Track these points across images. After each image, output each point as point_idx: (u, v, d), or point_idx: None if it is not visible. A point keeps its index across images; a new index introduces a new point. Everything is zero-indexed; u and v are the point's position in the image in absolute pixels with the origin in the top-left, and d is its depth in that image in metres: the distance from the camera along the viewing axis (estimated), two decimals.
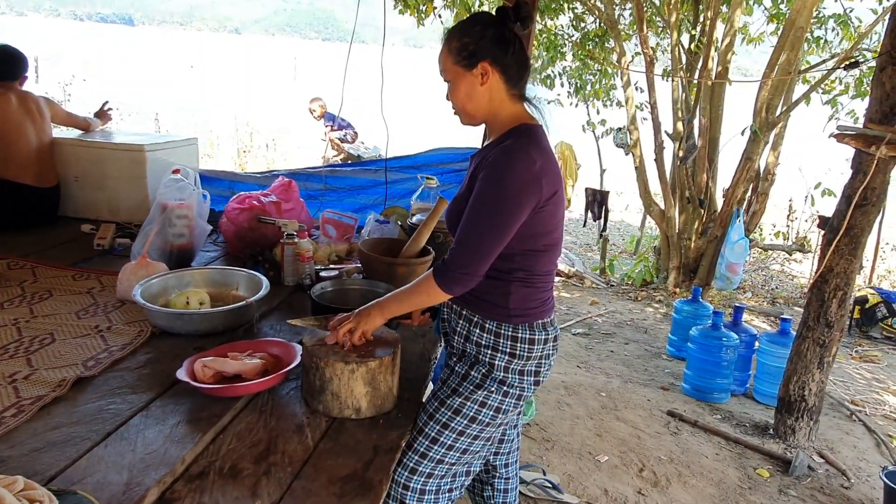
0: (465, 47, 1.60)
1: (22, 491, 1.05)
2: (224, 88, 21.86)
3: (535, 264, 1.65)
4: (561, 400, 3.90)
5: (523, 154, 1.55)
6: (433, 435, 1.68)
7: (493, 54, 1.60)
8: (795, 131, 7.03)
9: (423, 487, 1.70)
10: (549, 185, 1.56)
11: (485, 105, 1.65)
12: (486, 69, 1.60)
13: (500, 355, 1.66)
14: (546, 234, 1.63)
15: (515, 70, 1.64)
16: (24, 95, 3.23)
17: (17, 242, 2.89)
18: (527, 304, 1.67)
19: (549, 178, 1.56)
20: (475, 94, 1.63)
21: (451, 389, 1.70)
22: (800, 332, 3.54)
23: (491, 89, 1.63)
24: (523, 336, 1.66)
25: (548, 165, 1.57)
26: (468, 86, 1.63)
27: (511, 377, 1.67)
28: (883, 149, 3.08)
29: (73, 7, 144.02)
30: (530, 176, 1.53)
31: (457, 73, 1.63)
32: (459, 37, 1.61)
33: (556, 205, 1.61)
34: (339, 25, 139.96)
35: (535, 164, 1.54)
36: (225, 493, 1.30)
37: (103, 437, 1.45)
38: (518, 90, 1.66)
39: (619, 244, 9.41)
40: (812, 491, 3.18)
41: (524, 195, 1.53)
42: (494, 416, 1.69)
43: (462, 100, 1.65)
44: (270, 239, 2.75)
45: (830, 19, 6.30)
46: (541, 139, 1.62)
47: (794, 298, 6.96)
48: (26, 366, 1.75)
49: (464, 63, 1.61)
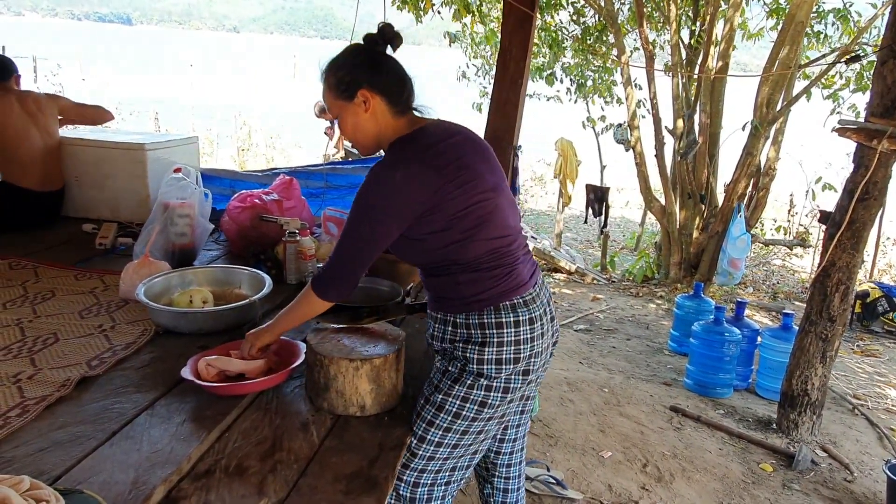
0: (342, 80, 1.60)
1: (28, 490, 1.05)
2: (223, 87, 21.84)
3: (466, 253, 1.59)
4: (563, 396, 3.90)
5: (382, 171, 1.55)
6: (420, 433, 1.66)
7: (367, 79, 1.60)
8: (796, 126, 7.02)
9: (416, 480, 1.69)
10: (422, 189, 1.53)
11: (372, 130, 1.64)
12: (365, 95, 1.60)
13: (472, 346, 1.62)
14: (457, 224, 1.57)
15: (395, 87, 1.63)
16: (24, 97, 3.18)
17: (19, 242, 2.88)
18: (480, 287, 1.61)
19: (420, 182, 1.53)
20: (361, 123, 1.63)
21: (433, 387, 1.68)
22: (802, 327, 3.54)
23: (375, 114, 1.62)
24: (489, 321, 1.61)
25: (414, 170, 1.54)
26: (353, 116, 1.63)
27: (487, 368, 1.61)
28: (885, 143, 3.08)
29: (70, 6, 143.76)
30: (386, 190, 1.53)
31: (340, 107, 1.63)
32: (335, 71, 1.62)
33: (459, 191, 1.55)
34: (337, 23, 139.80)
35: (394, 176, 1.53)
36: (231, 491, 1.30)
37: (109, 436, 1.45)
38: (401, 107, 1.65)
39: (620, 240, 9.41)
40: (815, 485, 3.19)
41: (379, 212, 1.55)
42: (479, 411, 1.65)
43: (351, 131, 1.66)
44: (272, 237, 2.74)
45: (830, 14, 6.29)
46: (410, 144, 1.60)
47: (796, 293, 6.96)
48: (30, 366, 1.75)
49: (344, 95, 1.61)
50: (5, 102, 3.09)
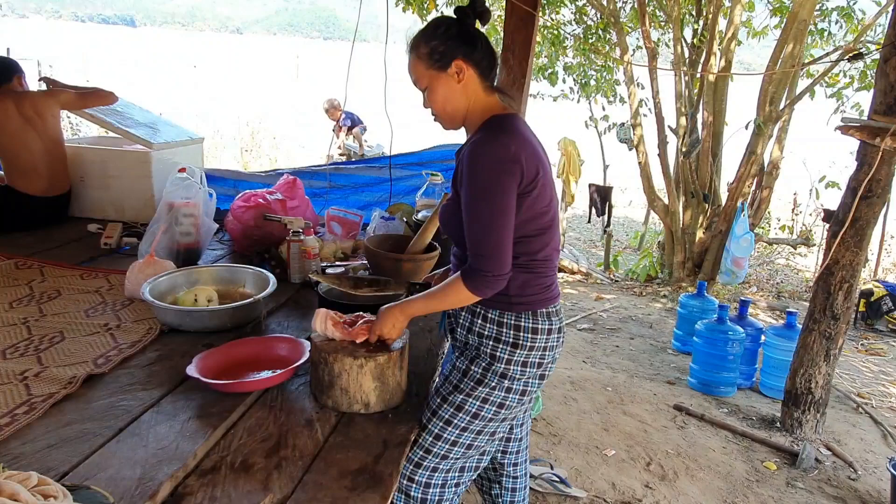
0: (435, 49, 1.61)
1: (36, 486, 1.06)
2: (227, 88, 21.88)
3: (532, 249, 1.64)
4: (567, 395, 3.91)
5: (492, 141, 1.55)
6: (436, 431, 1.68)
7: (463, 51, 1.61)
8: (800, 125, 7.01)
9: (427, 480, 1.71)
10: (529, 166, 1.55)
11: (463, 103, 1.65)
12: (460, 66, 1.61)
13: (503, 346, 1.65)
14: (536, 218, 1.61)
15: (487, 62, 1.65)
16: (22, 101, 3.08)
17: (24, 242, 2.90)
18: (528, 291, 1.66)
19: (528, 158, 1.55)
20: (453, 94, 1.64)
21: (452, 386, 1.70)
22: (806, 325, 3.54)
23: (467, 86, 1.63)
24: (526, 325, 1.65)
25: (524, 147, 1.56)
26: (445, 87, 1.63)
27: (513, 369, 1.66)
28: (888, 140, 3.07)
29: (74, 8, 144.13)
30: (505, 159, 1.53)
31: (432, 77, 1.63)
32: (427, 41, 1.62)
33: (544, 186, 1.60)
34: (340, 24, 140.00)
35: (509, 147, 1.54)
36: (237, 487, 1.31)
37: (115, 433, 1.46)
38: (490, 82, 1.67)
39: (623, 240, 9.41)
40: (819, 483, 3.18)
41: (505, 178, 1.53)
42: (497, 412, 1.69)
43: (441, 103, 1.65)
44: (276, 237, 2.76)
45: (834, 12, 6.28)
46: (513, 125, 1.61)
47: (800, 292, 6.95)
48: (37, 364, 1.76)
49: (437, 65, 1.62)
50: (2, 108, 3.02)
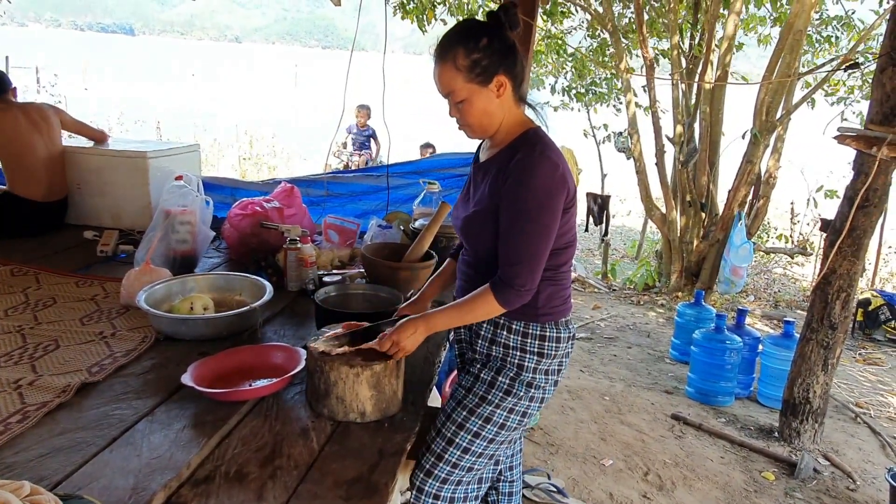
0: (478, 63, 1.53)
1: (28, 496, 1.05)
2: (225, 96, 21.93)
3: (559, 261, 1.67)
4: (565, 404, 3.89)
5: (543, 161, 1.55)
6: (465, 445, 1.69)
7: (505, 65, 1.56)
8: (797, 134, 7.03)
9: (452, 495, 1.73)
10: (571, 183, 1.59)
11: (499, 117, 1.61)
12: (501, 81, 1.56)
13: (529, 356, 1.68)
14: (567, 232, 1.65)
15: (521, 74, 1.63)
16: (26, 108, 3.18)
17: (20, 249, 2.89)
18: (553, 302, 1.68)
19: (569, 175, 1.59)
20: (491, 109, 1.59)
21: (478, 398, 1.70)
22: (803, 334, 3.54)
23: (504, 100, 1.60)
24: (551, 335, 1.68)
25: (566, 166, 1.59)
26: (485, 101, 1.57)
27: (538, 378, 1.69)
28: (884, 150, 3.08)
29: (73, 17, 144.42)
30: (557, 179, 1.54)
31: (472, 91, 1.55)
32: (466, 52, 1.53)
33: (575, 202, 1.65)
34: (338, 33, 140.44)
35: (558, 166, 1.55)
36: (231, 497, 1.30)
37: (109, 442, 1.45)
38: (521, 94, 1.66)
39: (621, 249, 9.42)
40: (818, 493, 3.17)
41: (556, 199, 1.55)
42: (521, 421, 1.72)
43: (478, 116, 1.60)
44: (273, 244, 2.75)
45: (833, 21, 6.32)
46: (551, 141, 1.63)
47: (797, 301, 6.95)
48: (31, 372, 1.75)
49: (479, 80, 1.55)
50: (9, 115, 3.10)
